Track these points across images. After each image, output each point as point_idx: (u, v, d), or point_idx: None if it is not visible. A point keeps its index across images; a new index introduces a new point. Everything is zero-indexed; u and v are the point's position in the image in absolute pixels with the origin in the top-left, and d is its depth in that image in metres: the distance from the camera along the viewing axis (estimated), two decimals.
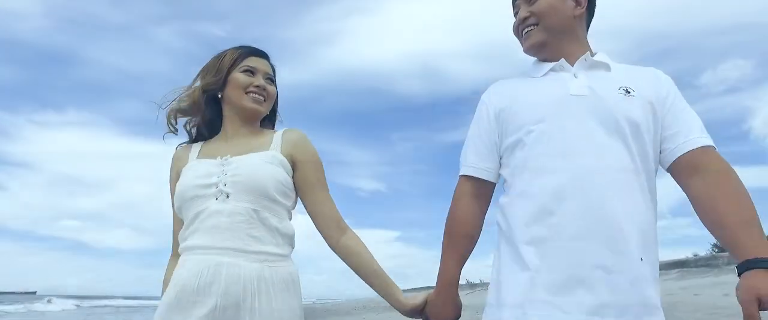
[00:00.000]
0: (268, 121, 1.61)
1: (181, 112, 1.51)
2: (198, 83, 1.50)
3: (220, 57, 1.49)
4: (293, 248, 1.42)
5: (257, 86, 1.46)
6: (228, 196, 1.32)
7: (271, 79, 1.52)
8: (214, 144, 1.50)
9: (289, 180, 1.41)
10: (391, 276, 1.40)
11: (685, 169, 1.24)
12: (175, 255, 1.46)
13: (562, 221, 1.18)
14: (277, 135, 1.48)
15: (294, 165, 1.44)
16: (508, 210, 1.29)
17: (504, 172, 1.36)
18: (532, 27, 1.38)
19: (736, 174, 1.21)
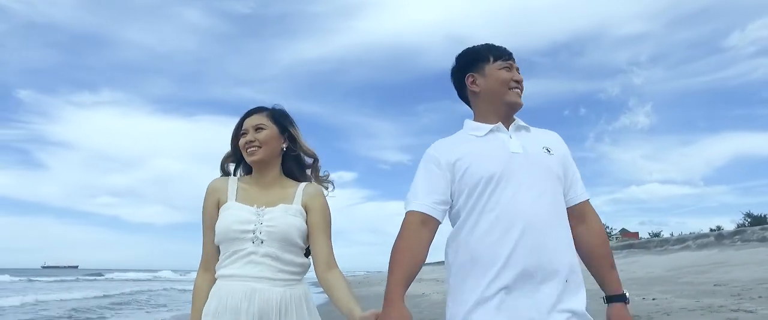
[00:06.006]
0: (297, 167, 1.92)
1: (227, 160, 1.94)
2: (229, 150, 1.92)
3: (234, 130, 1.88)
4: (306, 272, 1.81)
5: (248, 142, 1.80)
6: (262, 242, 1.70)
7: (261, 127, 1.81)
8: (249, 188, 1.83)
9: (306, 226, 1.79)
10: None
11: (575, 217, 1.66)
12: (205, 269, 1.79)
13: (514, 252, 1.48)
14: (300, 188, 1.84)
15: (307, 212, 1.80)
16: (467, 246, 1.55)
17: (460, 214, 1.60)
18: (520, 89, 1.71)
19: (602, 223, 1.73)
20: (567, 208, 1.65)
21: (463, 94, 1.80)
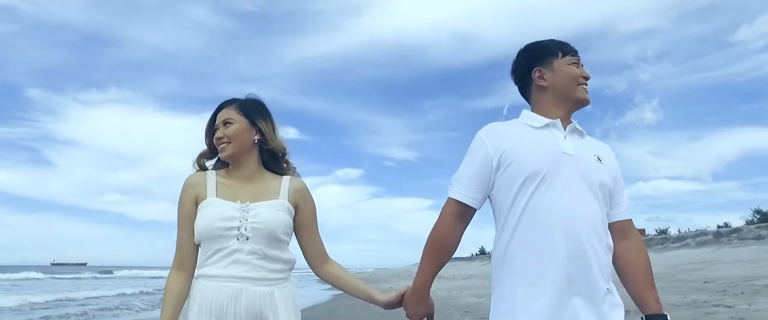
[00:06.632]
0: (271, 159, 1.83)
1: (202, 158, 1.86)
2: (205, 148, 1.86)
3: (207, 125, 1.82)
4: (292, 268, 1.76)
5: (218, 138, 1.75)
6: (247, 239, 1.64)
7: (230, 121, 1.74)
8: (229, 182, 1.75)
9: (291, 222, 1.75)
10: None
11: (617, 233, 1.63)
12: (179, 267, 1.71)
13: (552, 257, 1.46)
14: (285, 182, 1.78)
15: (296, 210, 1.78)
16: (509, 246, 1.54)
17: (500, 212, 1.58)
18: (586, 85, 1.70)
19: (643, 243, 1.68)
20: (609, 223, 1.62)
21: (526, 90, 1.77)
